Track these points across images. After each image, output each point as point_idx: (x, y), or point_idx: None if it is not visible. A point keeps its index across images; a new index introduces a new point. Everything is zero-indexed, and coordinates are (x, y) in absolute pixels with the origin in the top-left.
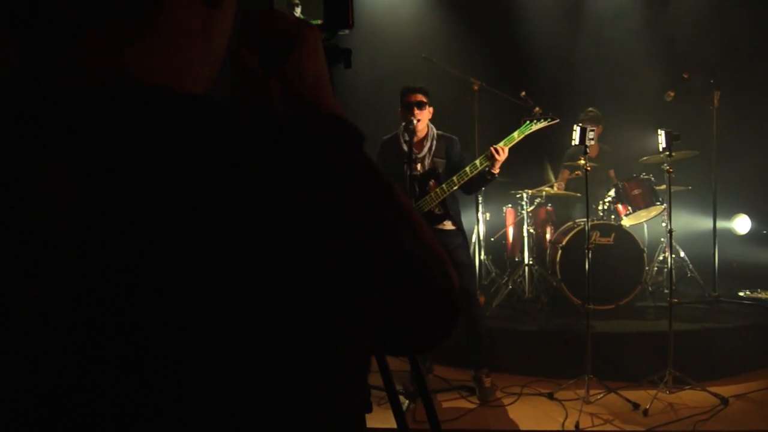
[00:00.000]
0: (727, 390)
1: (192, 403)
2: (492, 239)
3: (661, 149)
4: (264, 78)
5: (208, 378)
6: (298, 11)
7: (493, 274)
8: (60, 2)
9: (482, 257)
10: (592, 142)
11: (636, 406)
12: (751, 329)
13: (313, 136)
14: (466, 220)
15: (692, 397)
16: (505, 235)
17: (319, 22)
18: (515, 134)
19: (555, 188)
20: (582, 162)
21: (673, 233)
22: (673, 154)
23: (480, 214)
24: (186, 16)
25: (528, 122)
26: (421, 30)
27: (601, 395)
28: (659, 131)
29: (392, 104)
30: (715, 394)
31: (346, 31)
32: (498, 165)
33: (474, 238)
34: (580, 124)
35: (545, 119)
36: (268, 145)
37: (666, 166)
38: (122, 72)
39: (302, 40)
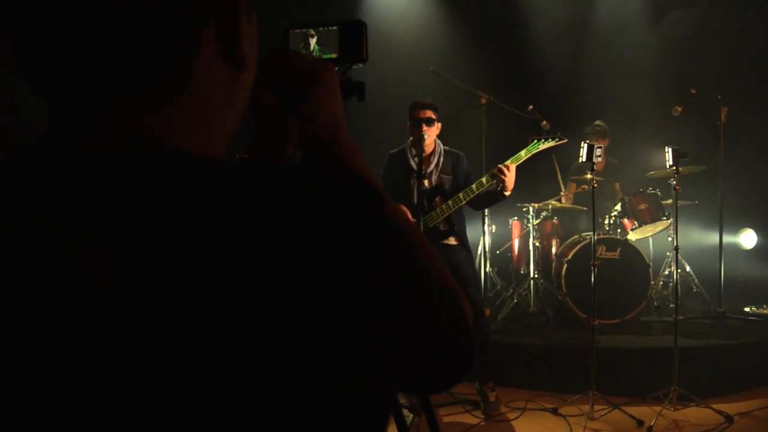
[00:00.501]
0: (731, 407)
1: None
2: (498, 252)
3: (668, 166)
4: (283, 118)
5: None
6: (313, 42)
7: (499, 286)
8: (92, 69)
9: (488, 269)
10: (599, 159)
11: (640, 422)
12: (756, 346)
13: (334, 200)
14: (472, 232)
15: (697, 415)
16: (510, 248)
17: (334, 55)
18: (522, 153)
19: (563, 200)
20: (589, 176)
21: (679, 249)
22: (680, 169)
23: (486, 227)
24: (212, 80)
25: (536, 141)
26: (429, 43)
27: (606, 411)
28: (666, 148)
29: (399, 115)
30: (720, 412)
31: (360, 65)
32: (509, 185)
33: (480, 250)
34: (588, 141)
35: (553, 139)
36: (293, 213)
37: (673, 182)
38: (150, 139)
39: (319, 81)
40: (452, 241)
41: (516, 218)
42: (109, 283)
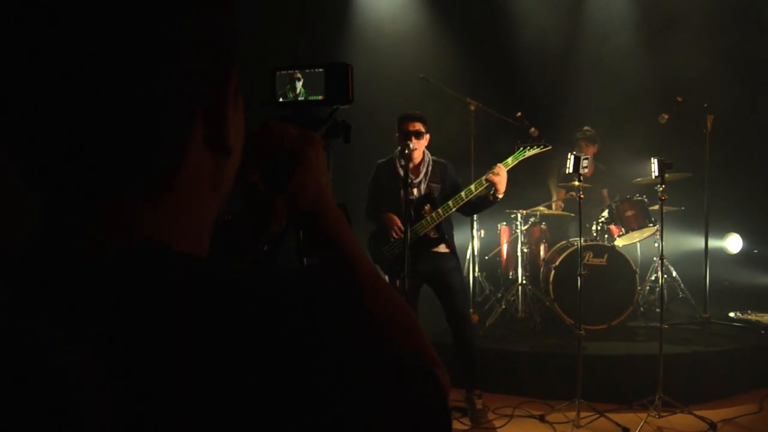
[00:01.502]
0: (715, 414)
1: None
2: (486, 257)
3: (653, 177)
4: (269, 196)
5: None
6: (299, 86)
7: (487, 291)
8: (80, 171)
9: (476, 274)
10: (586, 170)
11: (626, 430)
12: (740, 352)
13: (320, 319)
14: (460, 236)
15: (681, 421)
16: (499, 253)
17: (320, 97)
18: (509, 160)
19: (554, 207)
20: (576, 184)
21: (664, 259)
22: (666, 176)
23: (475, 231)
24: (199, 172)
25: (522, 148)
26: (418, 50)
27: (592, 419)
28: (652, 159)
29: (388, 121)
30: (704, 419)
31: (346, 106)
32: (501, 188)
33: (468, 254)
34: (574, 153)
35: (538, 146)
36: (287, 336)
37: (659, 188)
38: (141, 239)
39: (304, 158)
40: (442, 249)
41: (504, 223)
42: (104, 399)
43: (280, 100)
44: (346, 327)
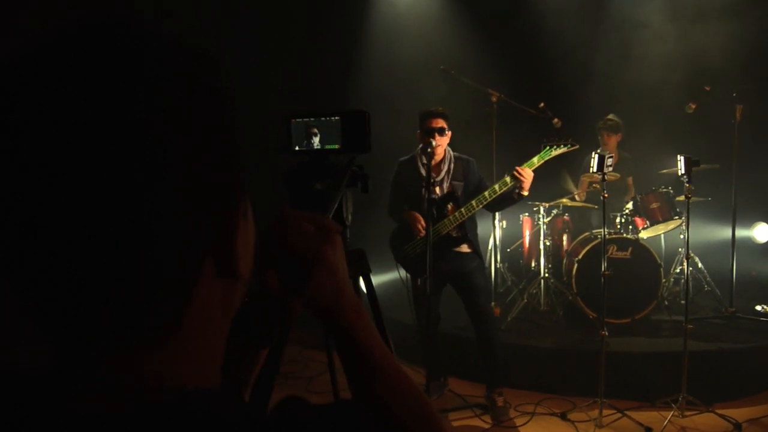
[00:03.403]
0: (740, 413)
1: None
2: (509, 250)
3: (679, 174)
4: (285, 299)
5: None
6: (316, 141)
7: (509, 282)
8: (85, 322)
9: (498, 265)
10: (610, 169)
11: (648, 430)
12: (766, 349)
13: None
14: (482, 227)
15: (705, 421)
16: (521, 243)
17: (337, 146)
18: (535, 159)
19: (577, 198)
20: (599, 178)
21: (690, 254)
22: (693, 168)
23: (497, 222)
24: (209, 303)
25: (548, 147)
26: (439, 41)
27: (614, 418)
28: (678, 157)
29: (408, 113)
30: (728, 419)
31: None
32: (526, 185)
33: (490, 245)
34: (598, 152)
35: (565, 145)
36: None
37: (685, 183)
38: (153, 383)
39: (320, 259)
40: (464, 248)
41: (527, 214)
42: None
43: (296, 148)
44: None
